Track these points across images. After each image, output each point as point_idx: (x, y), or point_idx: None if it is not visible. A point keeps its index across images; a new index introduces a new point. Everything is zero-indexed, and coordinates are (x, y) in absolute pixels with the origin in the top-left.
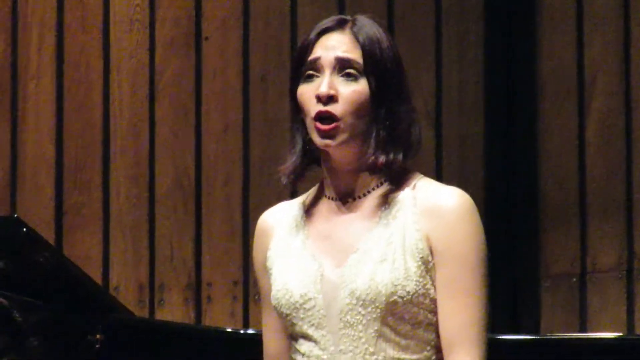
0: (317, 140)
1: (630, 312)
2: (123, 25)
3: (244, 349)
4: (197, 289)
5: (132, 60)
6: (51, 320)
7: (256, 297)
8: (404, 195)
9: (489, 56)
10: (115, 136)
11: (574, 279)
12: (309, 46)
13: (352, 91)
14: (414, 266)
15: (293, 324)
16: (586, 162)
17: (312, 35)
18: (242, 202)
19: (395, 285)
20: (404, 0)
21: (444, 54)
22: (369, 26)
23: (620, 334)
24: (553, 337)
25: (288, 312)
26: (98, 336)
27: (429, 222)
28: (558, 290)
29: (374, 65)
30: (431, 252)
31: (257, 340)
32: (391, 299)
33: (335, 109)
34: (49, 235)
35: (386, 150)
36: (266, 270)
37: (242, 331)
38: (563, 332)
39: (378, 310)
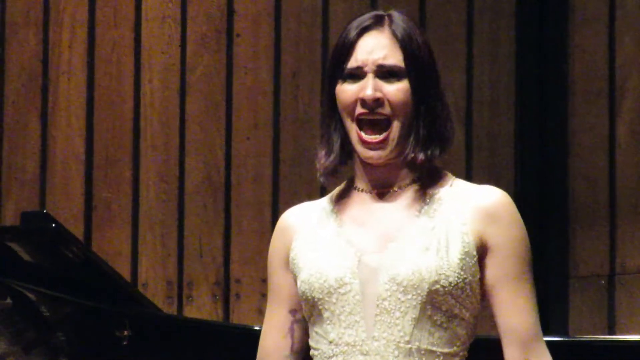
0: (365, 153)
1: None
2: (154, 21)
3: None
4: (225, 286)
5: (163, 56)
6: (79, 315)
7: None
8: (444, 192)
9: (520, 54)
10: (146, 132)
11: (603, 281)
12: (349, 47)
13: (397, 91)
14: (456, 258)
15: (323, 310)
16: (616, 163)
17: (352, 34)
18: (272, 199)
19: (439, 274)
20: (438, 2)
21: (475, 52)
22: (404, 23)
23: None
24: (581, 339)
25: (320, 296)
26: (125, 332)
27: (479, 220)
28: (587, 292)
29: (414, 64)
30: (478, 249)
31: None
32: (434, 287)
33: (384, 110)
34: (78, 231)
35: (425, 146)
36: (286, 266)
37: None
38: (591, 334)
39: (419, 298)
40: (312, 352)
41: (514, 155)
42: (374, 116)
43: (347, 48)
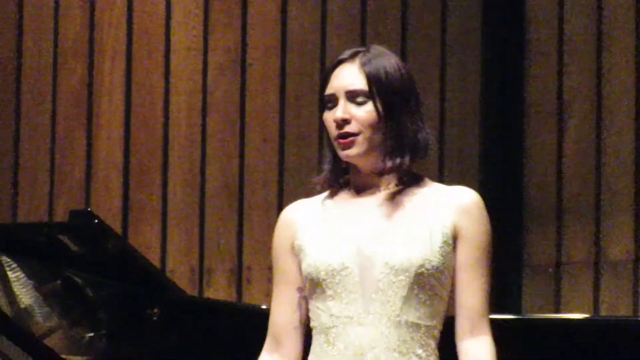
0: (340, 153)
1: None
2: (181, 52)
3: None
4: (238, 273)
5: (188, 82)
6: (117, 297)
7: None
8: (425, 192)
9: (484, 82)
10: (173, 145)
11: (551, 269)
12: (327, 77)
13: (362, 112)
14: (438, 247)
15: (327, 288)
16: (563, 172)
17: (330, 67)
18: (278, 202)
19: (424, 260)
20: (415, 36)
21: (447, 80)
22: (378, 54)
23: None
24: (533, 317)
25: (325, 277)
26: (156, 310)
27: (456, 214)
28: (538, 278)
29: (379, 89)
30: (454, 238)
31: None
32: (419, 270)
33: (350, 128)
34: (117, 226)
35: (394, 156)
36: (292, 253)
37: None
38: (541, 313)
39: (408, 279)
40: (312, 323)
41: (478, 165)
42: (345, 131)
43: (325, 78)
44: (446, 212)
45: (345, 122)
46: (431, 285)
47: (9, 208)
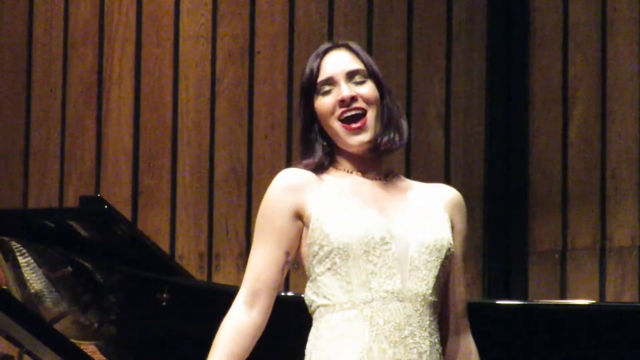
0: (350, 139)
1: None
2: (190, 40)
3: (285, 309)
4: (246, 258)
5: (197, 69)
6: (126, 281)
7: (295, 266)
8: (415, 186)
9: (490, 70)
10: (182, 131)
11: (556, 255)
12: (317, 68)
13: (365, 89)
14: (451, 236)
15: (367, 262)
16: (568, 159)
17: (316, 59)
18: None
19: (450, 244)
20: (422, 25)
21: (453, 68)
22: (357, 46)
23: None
24: (539, 303)
25: (367, 249)
26: (165, 295)
27: (449, 208)
28: (543, 265)
29: (370, 69)
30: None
31: (297, 302)
32: (448, 253)
33: (359, 104)
34: (127, 212)
35: (387, 133)
36: (294, 217)
37: (282, 293)
38: (546, 299)
39: (439, 259)
40: (330, 300)
41: (484, 152)
42: (351, 111)
43: (315, 69)
44: (444, 207)
45: (354, 99)
46: (448, 269)
47: (20, 194)
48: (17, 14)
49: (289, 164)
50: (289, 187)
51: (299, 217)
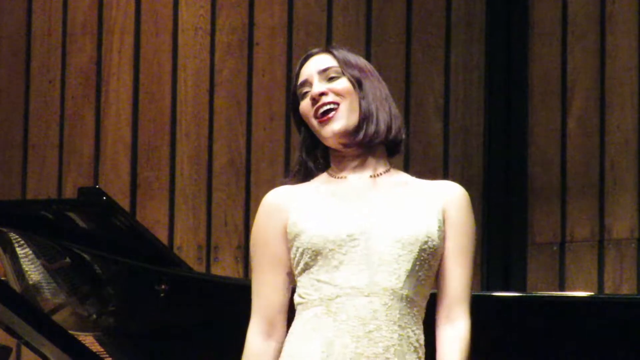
0: (323, 131)
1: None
2: (189, 31)
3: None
4: (245, 250)
5: (195, 60)
6: (125, 273)
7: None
8: (411, 182)
9: (489, 62)
10: (181, 123)
11: (555, 247)
12: (298, 72)
13: (337, 84)
14: (434, 228)
15: (333, 259)
16: (567, 151)
17: (299, 67)
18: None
19: (427, 237)
20: (421, 16)
21: (452, 60)
22: (343, 48)
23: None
24: (537, 294)
25: (332, 247)
26: (163, 286)
27: (445, 202)
28: (542, 256)
29: (347, 64)
30: (444, 224)
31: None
32: (423, 247)
33: (328, 99)
34: (125, 203)
35: (369, 123)
36: (283, 237)
37: None
38: (545, 291)
39: (413, 253)
40: (300, 300)
41: (483, 144)
42: (323, 106)
43: (297, 73)
44: (436, 200)
45: (323, 94)
46: (429, 265)
47: (19, 185)
48: (16, 5)
49: (287, 155)
50: (273, 208)
51: (285, 235)
